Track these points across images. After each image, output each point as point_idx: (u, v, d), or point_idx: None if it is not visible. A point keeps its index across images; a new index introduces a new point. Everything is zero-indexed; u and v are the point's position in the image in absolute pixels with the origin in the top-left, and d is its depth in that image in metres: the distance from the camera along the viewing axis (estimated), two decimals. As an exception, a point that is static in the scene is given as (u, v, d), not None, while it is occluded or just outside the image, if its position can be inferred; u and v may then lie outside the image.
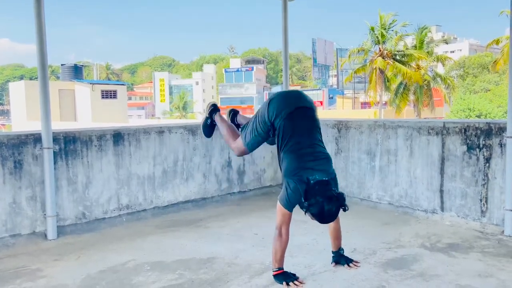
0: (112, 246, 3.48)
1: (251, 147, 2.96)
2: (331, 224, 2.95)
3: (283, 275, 2.76)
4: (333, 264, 3.01)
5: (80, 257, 3.27)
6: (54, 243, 3.58)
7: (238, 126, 3.29)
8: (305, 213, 2.66)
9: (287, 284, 2.70)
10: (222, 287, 2.72)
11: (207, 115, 3.38)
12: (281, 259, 2.78)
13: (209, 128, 3.40)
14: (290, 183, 2.67)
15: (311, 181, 2.62)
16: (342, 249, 3.05)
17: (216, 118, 3.30)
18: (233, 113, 3.40)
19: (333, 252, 3.05)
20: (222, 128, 3.23)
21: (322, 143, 2.85)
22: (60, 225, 3.73)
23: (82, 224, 3.87)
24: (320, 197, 2.55)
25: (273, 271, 2.79)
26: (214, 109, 3.38)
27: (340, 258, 3.02)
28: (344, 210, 2.59)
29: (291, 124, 2.75)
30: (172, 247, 3.45)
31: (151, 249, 3.40)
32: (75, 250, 3.41)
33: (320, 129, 2.86)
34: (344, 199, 2.60)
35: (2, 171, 3.47)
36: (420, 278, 2.81)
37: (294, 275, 2.79)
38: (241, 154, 3.09)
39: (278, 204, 2.75)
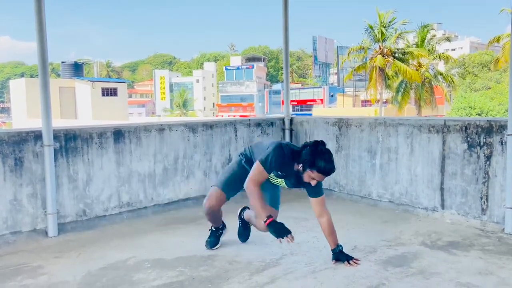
0: (112, 244, 3.48)
1: (224, 187, 3.19)
2: (322, 221, 2.99)
3: (275, 225, 2.83)
4: (334, 261, 3.00)
5: (80, 254, 3.27)
6: (55, 240, 3.59)
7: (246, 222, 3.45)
8: (303, 179, 2.83)
9: (281, 238, 2.79)
10: (223, 284, 2.73)
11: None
12: (263, 209, 2.86)
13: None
14: (272, 145, 2.89)
15: (287, 146, 2.90)
16: (341, 246, 3.04)
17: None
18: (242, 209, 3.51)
19: (332, 250, 3.04)
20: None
21: None
22: (60, 222, 3.73)
23: (82, 222, 3.87)
24: (309, 146, 2.77)
25: (264, 222, 2.84)
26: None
27: (340, 255, 3.01)
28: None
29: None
30: (172, 244, 3.45)
31: (151, 247, 3.40)
32: (76, 247, 3.41)
33: None
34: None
35: (2, 168, 3.47)
36: (421, 275, 2.81)
37: (287, 228, 2.84)
38: (213, 200, 3.20)
39: (256, 162, 2.89)
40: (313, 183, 2.82)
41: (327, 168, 2.75)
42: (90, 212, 3.93)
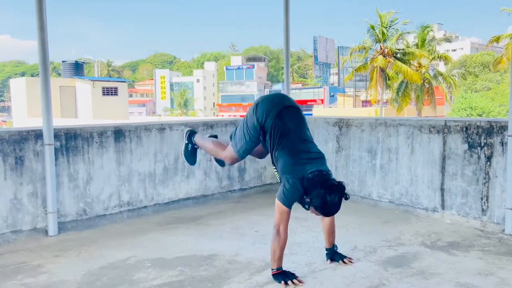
0: (113, 243, 3.48)
1: (243, 153, 3.02)
2: (326, 219, 2.97)
3: (282, 274, 2.75)
4: (329, 261, 3.01)
5: (81, 253, 3.28)
6: (55, 239, 3.59)
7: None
8: (307, 209, 2.69)
9: (286, 283, 2.69)
10: (223, 284, 2.73)
11: (186, 141, 3.44)
12: (279, 259, 2.76)
13: (191, 154, 3.44)
14: (288, 180, 2.69)
15: (309, 174, 2.64)
16: (336, 246, 3.06)
17: (196, 139, 3.38)
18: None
19: (327, 249, 3.06)
20: (206, 145, 3.28)
21: (313, 140, 2.92)
22: (61, 221, 3.73)
23: (83, 221, 3.88)
24: (321, 188, 2.58)
25: (271, 270, 2.78)
26: (191, 132, 3.45)
27: (334, 255, 3.03)
28: (346, 198, 2.61)
29: (281, 123, 2.81)
30: (172, 244, 3.45)
31: (151, 246, 3.40)
32: (76, 246, 3.41)
33: (307, 126, 2.93)
34: (344, 188, 2.62)
35: (3, 167, 3.48)
36: (420, 276, 2.82)
37: (293, 274, 2.77)
38: (233, 162, 3.11)
39: (276, 201, 2.75)
40: (316, 214, 2.75)
41: (331, 215, 2.74)
42: (91, 211, 3.93)
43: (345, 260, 3.00)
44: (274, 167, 2.94)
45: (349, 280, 2.76)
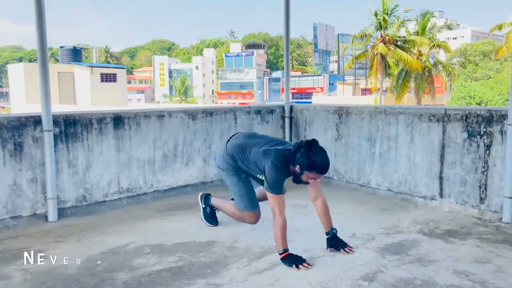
0: (112, 229, 3.50)
1: (250, 205, 3.26)
2: (317, 204, 3.03)
3: (290, 257, 2.79)
4: (329, 249, 3.02)
5: (80, 239, 3.29)
6: (55, 225, 3.61)
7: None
8: (306, 182, 2.87)
9: (297, 267, 2.73)
10: (222, 270, 2.75)
11: (203, 205, 3.60)
12: (283, 241, 2.82)
13: (211, 217, 3.59)
14: (264, 165, 2.88)
15: (283, 150, 2.91)
16: (335, 229, 3.06)
17: (214, 202, 3.57)
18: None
19: (327, 233, 3.05)
20: (228, 208, 3.45)
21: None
22: (60, 207, 3.74)
23: (82, 207, 3.89)
24: (300, 148, 2.79)
25: (279, 254, 2.82)
26: (206, 196, 3.63)
27: (334, 243, 3.03)
28: None
29: (233, 141, 3.26)
30: (172, 230, 3.47)
31: (151, 232, 3.42)
32: (76, 232, 3.43)
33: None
34: (317, 141, 2.85)
35: (2, 153, 3.47)
36: (418, 263, 2.84)
37: (301, 257, 2.81)
38: (254, 218, 3.30)
39: (267, 193, 2.89)
40: (312, 182, 2.88)
41: (325, 168, 2.82)
42: (90, 198, 3.94)
43: (346, 249, 2.99)
44: (259, 176, 3.10)
45: (347, 266, 2.78)
